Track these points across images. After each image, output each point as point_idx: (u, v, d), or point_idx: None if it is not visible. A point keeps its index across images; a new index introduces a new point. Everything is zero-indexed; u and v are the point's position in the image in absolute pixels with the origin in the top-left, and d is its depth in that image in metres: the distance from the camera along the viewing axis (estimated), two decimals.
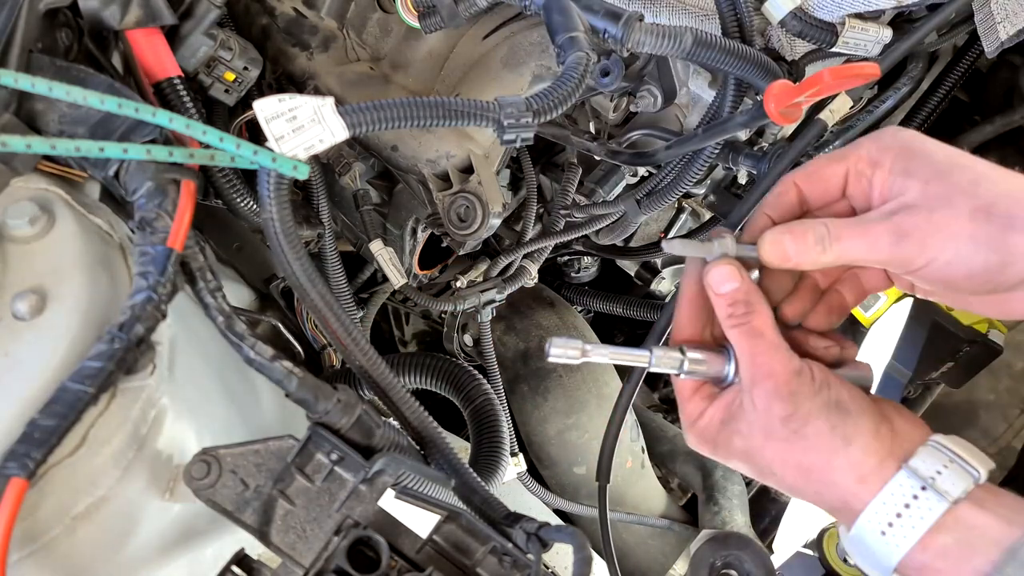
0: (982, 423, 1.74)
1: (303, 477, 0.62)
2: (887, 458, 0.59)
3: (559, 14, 0.71)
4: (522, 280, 1.17)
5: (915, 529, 0.56)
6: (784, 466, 0.62)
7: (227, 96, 0.91)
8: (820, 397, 0.61)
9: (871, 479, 0.59)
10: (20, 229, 0.63)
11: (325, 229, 1.03)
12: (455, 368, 1.14)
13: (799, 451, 0.61)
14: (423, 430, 0.73)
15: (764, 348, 0.63)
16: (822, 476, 0.61)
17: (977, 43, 1.00)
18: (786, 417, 0.61)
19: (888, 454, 0.60)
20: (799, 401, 0.61)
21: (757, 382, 0.62)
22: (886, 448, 0.60)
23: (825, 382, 0.62)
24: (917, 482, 0.57)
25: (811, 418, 0.61)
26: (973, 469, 0.58)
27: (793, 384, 0.61)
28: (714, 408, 0.66)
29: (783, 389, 0.61)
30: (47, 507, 0.58)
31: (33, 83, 0.57)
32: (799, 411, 0.61)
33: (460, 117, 0.62)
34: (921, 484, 0.57)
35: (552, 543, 0.65)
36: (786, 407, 0.61)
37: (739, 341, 0.64)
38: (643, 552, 1.51)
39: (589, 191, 1.12)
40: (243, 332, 0.64)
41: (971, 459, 0.58)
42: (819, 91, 0.69)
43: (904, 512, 0.57)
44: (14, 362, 0.58)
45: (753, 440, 0.63)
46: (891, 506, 0.57)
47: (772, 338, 0.63)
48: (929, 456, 0.58)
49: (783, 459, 0.62)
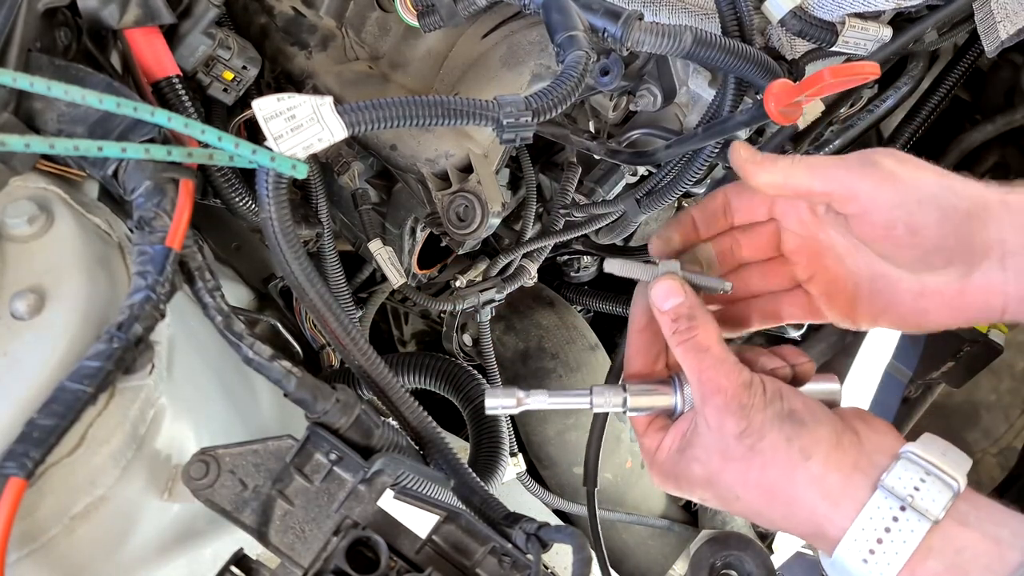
0: (983, 423, 1.74)
1: (302, 477, 0.62)
2: (853, 472, 0.56)
3: (558, 13, 0.71)
4: (521, 280, 1.17)
5: (899, 555, 0.53)
6: (746, 487, 0.59)
7: (225, 95, 0.91)
8: (772, 408, 0.59)
9: (839, 497, 0.56)
10: (19, 228, 0.63)
11: (324, 228, 1.03)
12: (454, 368, 1.14)
13: (757, 468, 0.58)
14: (422, 430, 0.73)
15: (711, 363, 0.60)
16: (785, 494, 0.58)
17: (978, 42, 0.99)
18: (740, 433, 0.58)
19: (853, 467, 0.57)
20: (751, 414, 0.58)
21: (707, 399, 0.60)
22: (850, 460, 0.57)
23: (777, 393, 0.60)
24: (896, 502, 0.54)
25: (765, 431, 0.58)
26: (951, 479, 0.55)
27: (743, 397, 0.59)
28: (669, 437, 0.64)
29: (733, 403, 0.59)
30: (46, 507, 0.58)
31: (32, 82, 0.56)
32: (752, 425, 0.58)
33: (459, 116, 0.62)
34: (900, 504, 0.54)
35: (552, 543, 0.65)
36: (739, 422, 0.58)
37: (685, 357, 0.62)
38: (643, 552, 1.51)
39: (589, 190, 1.12)
40: (242, 332, 0.64)
41: (948, 467, 0.55)
42: (819, 90, 0.69)
43: (885, 537, 0.53)
44: (13, 361, 0.58)
45: (711, 464, 0.60)
46: (870, 532, 0.54)
47: (718, 352, 0.61)
48: (905, 471, 0.55)
49: (743, 480, 0.59)
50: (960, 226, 0.59)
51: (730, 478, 0.60)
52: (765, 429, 0.58)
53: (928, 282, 0.62)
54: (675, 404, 0.64)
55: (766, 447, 0.58)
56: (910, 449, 0.57)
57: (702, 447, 0.61)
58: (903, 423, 1.64)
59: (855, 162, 0.61)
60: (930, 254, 0.60)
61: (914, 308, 0.64)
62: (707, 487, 0.62)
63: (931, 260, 0.61)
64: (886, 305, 0.65)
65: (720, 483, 0.61)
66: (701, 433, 0.61)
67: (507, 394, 0.64)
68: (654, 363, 0.67)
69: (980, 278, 0.60)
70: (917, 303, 0.64)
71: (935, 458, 0.56)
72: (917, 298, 0.63)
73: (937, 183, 0.60)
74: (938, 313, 0.63)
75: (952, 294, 0.61)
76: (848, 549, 0.55)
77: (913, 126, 1.24)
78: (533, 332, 1.37)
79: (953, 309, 0.62)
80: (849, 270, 0.67)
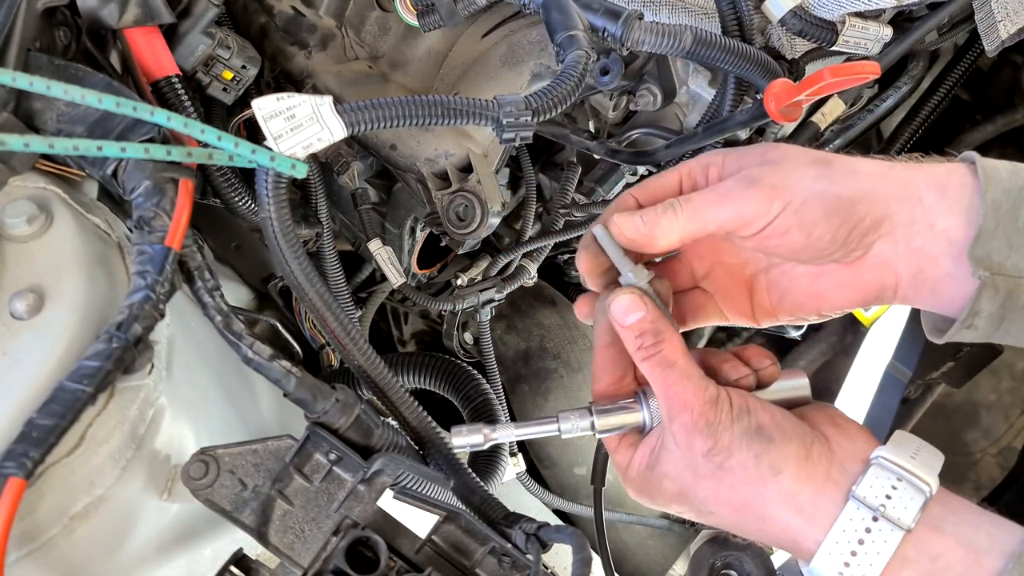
0: (983, 423, 1.74)
1: (301, 477, 0.62)
2: (825, 483, 0.56)
3: (558, 12, 0.71)
4: (521, 279, 1.17)
5: (873, 567, 0.53)
6: (718, 503, 0.59)
7: (225, 95, 0.91)
8: (739, 425, 0.58)
9: (811, 511, 0.55)
10: (18, 228, 0.63)
11: (323, 228, 1.03)
12: (454, 368, 1.14)
13: (728, 487, 0.58)
14: (422, 430, 0.73)
15: (677, 378, 0.59)
16: (758, 511, 0.57)
17: (978, 42, 0.99)
18: (708, 451, 0.58)
19: (825, 478, 0.56)
20: (718, 432, 0.57)
21: (674, 416, 0.59)
22: (822, 472, 0.56)
23: (744, 408, 0.58)
24: (868, 512, 0.53)
25: (733, 449, 0.57)
26: (923, 483, 0.54)
27: (710, 414, 0.58)
28: (639, 455, 0.63)
29: (700, 421, 0.58)
30: (45, 507, 0.58)
31: (31, 82, 0.56)
32: (720, 443, 0.57)
33: (459, 116, 0.62)
34: (872, 514, 0.53)
35: (552, 543, 0.65)
36: (706, 440, 0.57)
37: (651, 373, 0.61)
38: (643, 553, 1.51)
39: (588, 190, 1.12)
40: (241, 331, 0.64)
41: (919, 471, 0.55)
42: (820, 90, 0.69)
43: (859, 549, 0.53)
44: (12, 361, 0.58)
45: (682, 480, 0.60)
46: (844, 544, 0.54)
47: (684, 367, 0.60)
48: (876, 479, 0.55)
49: (715, 496, 0.58)
50: (848, 214, 0.59)
51: (702, 494, 0.59)
52: (733, 447, 0.57)
53: (825, 266, 0.63)
54: (643, 420, 0.63)
55: (735, 465, 0.57)
56: (880, 454, 0.56)
57: (672, 463, 0.60)
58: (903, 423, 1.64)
59: (736, 187, 0.61)
60: (828, 248, 0.61)
61: (810, 292, 0.65)
62: (680, 501, 0.61)
63: (832, 253, 0.61)
64: (783, 293, 0.66)
65: (692, 498, 0.60)
66: (670, 449, 0.60)
67: (473, 431, 0.64)
68: (621, 379, 0.66)
69: (874, 253, 0.61)
70: (813, 285, 0.64)
71: (905, 462, 0.55)
72: (813, 280, 0.64)
73: (814, 177, 0.60)
74: (835, 294, 0.64)
75: (848, 273, 0.62)
76: (824, 562, 0.54)
77: (913, 126, 1.24)
78: (535, 332, 1.37)
79: (849, 288, 0.63)
80: (745, 261, 0.68)
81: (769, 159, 0.62)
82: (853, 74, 0.68)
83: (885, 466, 0.55)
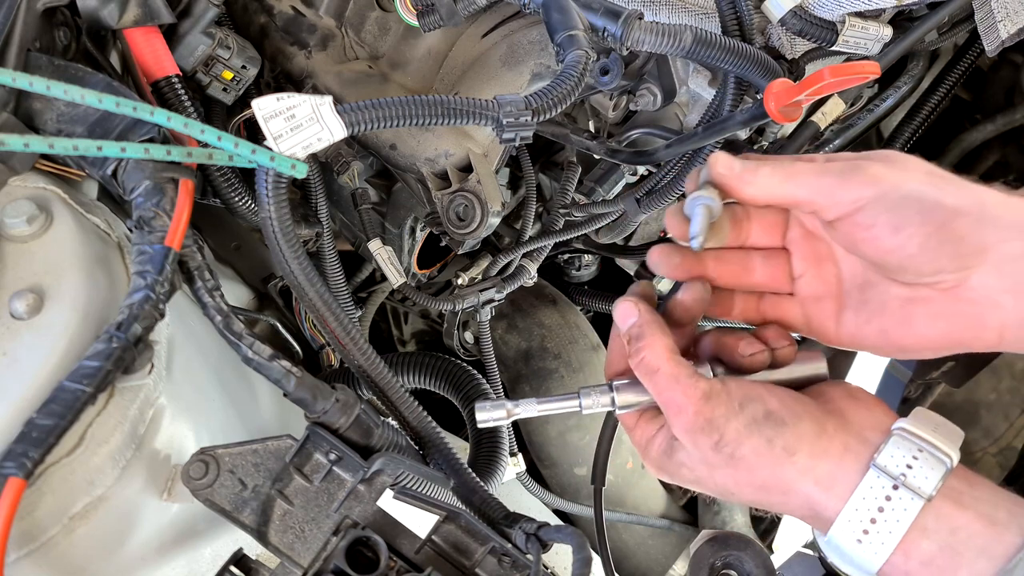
0: (983, 423, 1.74)
1: (301, 477, 0.62)
2: (844, 455, 0.56)
3: (558, 12, 0.71)
4: (521, 279, 1.17)
5: (892, 534, 0.53)
6: (739, 486, 0.59)
7: (225, 95, 0.91)
8: (745, 414, 0.57)
9: (831, 482, 0.55)
10: (18, 228, 0.63)
11: (323, 228, 1.03)
12: (454, 367, 1.14)
13: (745, 472, 0.57)
14: (422, 430, 0.73)
15: (663, 383, 0.59)
16: (778, 488, 0.57)
17: (978, 41, 0.99)
18: (715, 444, 0.57)
19: (844, 450, 0.56)
20: (720, 425, 0.57)
21: (672, 420, 0.59)
22: (839, 445, 0.56)
23: (747, 396, 0.58)
24: (888, 481, 0.53)
25: (742, 438, 0.57)
26: (944, 456, 0.54)
27: (706, 411, 0.57)
28: (660, 438, 0.63)
29: (698, 420, 0.57)
30: (45, 507, 0.58)
31: (31, 82, 0.56)
32: (725, 436, 0.57)
33: (459, 116, 0.62)
34: (892, 483, 0.53)
35: (552, 543, 0.65)
36: (710, 436, 0.57)
37: (641, 379, 0.60)
38: (643, 553, 1.51)
39: (588, 190, 1.12)
40: (241, 331, 0.64)
41: (940, 443, 0.55)
42: (820, 90, 0.69)
43: (878, 517, 0.53)
44: (12, 361, 0.58)
45: (697, 471, 0.60)
46: (864, 512, 0.54)
47: (670, 370, 0.59)
48: (897, 448, 0.55)
49: (734, 481, 0.58)
50: (946, 223, 0.56)
51: (720, 480, 0.59)
52: (742, 436, 0.57)
53: (919, 289, 0.59)
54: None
55: (747, 452, 0.57)
56: (902, 425, 0.56)
57: (686, 455, 0.60)
58: None
59: (838, 169, 0.59)
60: (918, 258, 0.57)
61: (900, 317, 0.60)
62: (700, 486, 0.62)
63: (922, 267, 0.57)
64: (871, 315, 0.63)
65: (710, 484, 0.61)
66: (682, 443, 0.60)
67: (497, 407, 0.65)
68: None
69: (975, 284, 0.56)
70: (904, 309, 0.60)
71: (927, 433, 0.55)
72: (904, 304, 0.60)
73: (922, 180, 0.58)
74: (925, 324, 0.59)
75: (943, 301, 0.58)
76: (842, 529, 0.54)
77: (913, 126, 1.24)
78: (535, 331, 1.37)
79: (942, 319, 0.58)
80: (842, 273, 0.65)
81: (885, 156, 0.60)
82: (853, 74, 0.68)
83: (906, 437, 0.55)
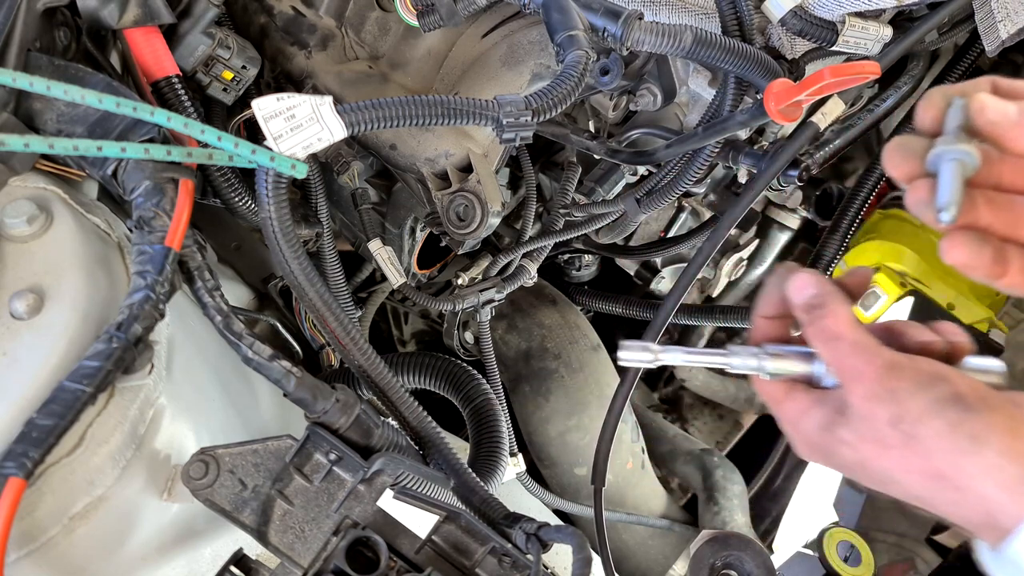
0: None
1: (301, 477, 0.62)
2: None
3: (558, 12, 0.71)
4: (521, 279, 1.17)
5: None
6: (907, 474, 0.54)
7: (225, 95, 0.91)
8: (932, 392, 0.52)
9: (1017, 488, 0.49)
10: (18, 228, 0.63)
11: (323, 228, 1.03)
12: (454, 368, 1.14)
13: (920, 456, 0.52)
14: (422, 430, 0.73)
15: (846, 350, 0.56)
16: (954, 482, 0.52)
17: (978, 42, 0.99)
18: (893, 419, 0.53)
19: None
20: (902, 399, 0.53)
21: (849, 387, 0.55)
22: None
23: (936, 375, 0.53)
24: None
25: (924, 417, 0.52)
26: None
27: (889, 381, 0.53)
28: (819, 412, 0.58)
29: (878, 388, 0.53)
30: (45, 507, 0.58)
31: (31, 82, 0.56)
32: (907, 411, 0.52)
33: (459, 116, 0.62)
34: None
35: (552, 543, 0.65)
36: (889, 407, 0.53)
37: (820, 347, 0.57)
38: (643, 553, 1.51)
39: (589, 190, 1.12)
40: (241, 331, 0.64)
41: None
42: (820, 90, 0.69)
43: None
44: (12, 361, 0.58)
45: (863, 450, 0.55)
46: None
47: (852, 337, 0.56)
48: None
49: (904, 466, 0.53)
50: None
51: (887, 464, 0.55)
52: (924, 415, 0.52)
53: None
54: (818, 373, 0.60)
55: (928, 434, 0.52)
56: None
57: (852, 431, 0.56)
58: None
59: None
60: None
61: None
62: (858, 470, 0.57)
63: None
64: None
65: (874, 468, 0.56)
66: (851, 418, 0.56)
67: (643, 348, 0.60)
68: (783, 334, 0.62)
69: None
70: None
71: None
72: None
73: None
74: None
75: None
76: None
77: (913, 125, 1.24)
78: (536, 331, 1.37)
79: None
80: None
81: None
82: (853, 74, 0.68)
83: None
